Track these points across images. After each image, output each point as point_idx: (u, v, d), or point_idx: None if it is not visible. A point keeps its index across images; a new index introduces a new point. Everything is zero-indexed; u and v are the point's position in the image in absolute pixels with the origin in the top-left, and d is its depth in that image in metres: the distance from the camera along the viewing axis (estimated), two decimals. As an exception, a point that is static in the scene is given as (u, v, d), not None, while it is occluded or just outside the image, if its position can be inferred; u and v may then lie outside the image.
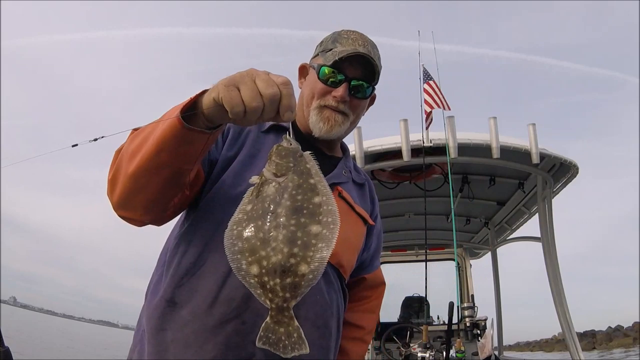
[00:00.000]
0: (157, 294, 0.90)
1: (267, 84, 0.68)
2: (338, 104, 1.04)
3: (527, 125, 4.16)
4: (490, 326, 4.42)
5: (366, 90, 1.06)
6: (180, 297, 0.87)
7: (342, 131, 1.08)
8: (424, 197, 3.92)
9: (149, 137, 0.77)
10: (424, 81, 4.36)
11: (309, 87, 1.08)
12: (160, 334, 0.86)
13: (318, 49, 1.10)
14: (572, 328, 4.49)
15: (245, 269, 0.61)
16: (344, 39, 1.05)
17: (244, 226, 0.62)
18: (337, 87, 1.03)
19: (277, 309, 0.61)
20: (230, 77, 0.70)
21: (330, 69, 1.02)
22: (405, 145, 4.10)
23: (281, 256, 0.59)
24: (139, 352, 0.91)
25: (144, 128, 0.81)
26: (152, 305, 0.90)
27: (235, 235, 0.62)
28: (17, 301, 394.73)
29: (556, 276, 4.61)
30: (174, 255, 0.93)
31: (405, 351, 4.03)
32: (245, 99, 0.67)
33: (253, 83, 0.68)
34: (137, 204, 0.85)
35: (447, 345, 3.21)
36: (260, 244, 0.60)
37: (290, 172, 0.65)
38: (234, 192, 0.93)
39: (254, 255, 0.60)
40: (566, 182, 4.57)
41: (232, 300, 0.85)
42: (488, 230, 5.90)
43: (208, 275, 0.87)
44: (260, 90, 0.67)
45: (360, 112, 1.11)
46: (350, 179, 1.12)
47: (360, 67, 1.03)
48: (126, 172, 0.80)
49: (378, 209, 1.25)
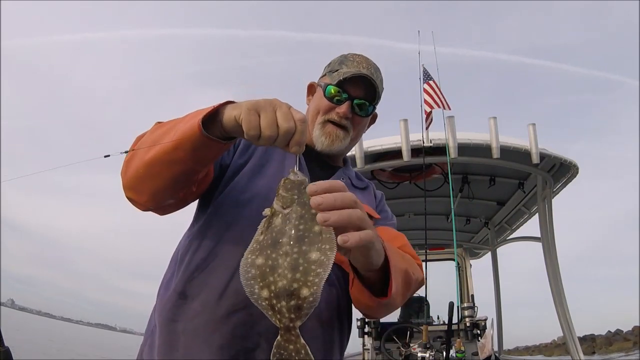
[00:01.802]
0: (170, 289, 0.97)
1: (286, 118, 0.73)
2: (341, 120, 1.12)
3: (527, 126, 4.18)
4: (490, 326, 4.42)
5: (368, 108, 1.14)
6: (192, 291, 0.93)
7: (343, 146, 1.15)
8: (424, 197, 3.93)
9: (170, 132, 0.83)
10: (424, 81, 4.38)
11: (315, 103, 1.17)
12: (171, 325, 0.92)
13: (326, 69, 1.20)
14: (573, 328, 4.49)
15: (258, 292, 0.69)
16: (350, 61, 1.15)
17: (256, 255, 0.70)
18: (341, 104, 1.12)
19: (285, 328, 0.68)
20: (254, 102, 0.76)
21: (335, 88, 1.11)
22: (405, 145, 4.11)
23: (286, 281, 0.67)
24: (149, 345, 0.96)
25: (168, 122, 0.88)
26: (165, 299, 0.96)
27: (249, 263, 0.70)
28: (15, 303, 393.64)
29: (556, 276, 4.62)
30: (186, 254, 1.00)
31: (405, 351, 4.02)
32: (263, 125, 0.72)
33: (274, 113, 0.73)
34: (145, 189, 0.90)
35: (447, 345, 3.20)
36: (269, 270, 0.68)
37: (295, 203, 0.72)
38: (242, 197, 1.01)
39: (264, 281, 0.68)
40: (566, 182, 4.59)
41: (240, 292, 0.88)
42: (488, 230, 5.90)
43: (217, 270, 0.94)
44: (279, 121, 0.73)
45: (361, 130, 1.20)
46: (350, 184, 1.19)
47: (362, 88, 1.12)
48: (142, 158, 0.86)
49: (385, 204, 1.28)
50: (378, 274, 0.83)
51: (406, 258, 1.00)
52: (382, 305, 0.88)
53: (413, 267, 0.99)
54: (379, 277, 0.84)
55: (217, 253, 0.96)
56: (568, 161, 4.32)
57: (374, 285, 0.86)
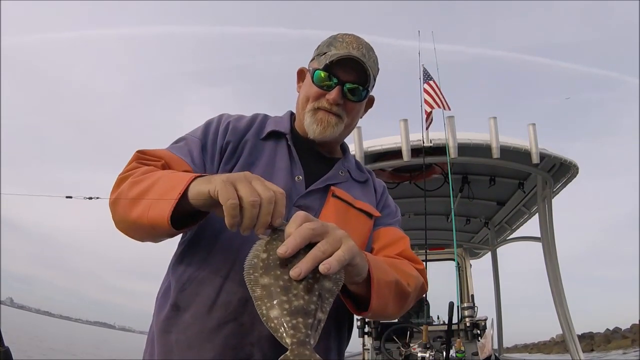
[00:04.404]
0: (164, 298, 0.97)
1: (264, 188, 0.70)
2: (331, 107, 1.05)
3: (527, 126, 4.18)
4: (490, 326, 4.42)
5: (360, 93, 1.06)
6: (183, 302, 0.93)
7: (337, 133, 1.08)
8: (424, 197, 3.93)
9: (144, 201, 0.82)
10: (424, 81, 4.37)
11: (304, 90, 1.10)
12: (166, 336, 0.92)
13: (315, 52, 1.12)
14: (572, 328, 4.50)
15: (266, 314, 0.66)
16: (339, 42, 1.06)
17: (260, 273, 0.68)
18: (331, 90, 1.04)
19: (299, 342, 0.65)
20: (228, 175, 0.73)
21: (324, 73, 1.04)
22: (405, 145, 4.11)
23: (303, 302, 0.66)
24: (149, 353, 0.96)
25: (146, 179, 0.86)
26: (160, 310, 0.96)
27: (252, 280, 0.68)
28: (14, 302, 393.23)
29: (556, 276, 4.62)
30: (178, 263, 0.99)
31: (405, 351, 4.02)
32: (243, 194, 0.68)
33: (250, 184, 0.70)
34: (134, 236, 0.92)
35: (447, 345, 3.20)
36: (280, 290, 0.66)
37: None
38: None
39: (272, 301, 0.66)
40: (566, 182, 4.59)
41: (229, 303, 0.90)
42: (488, 230, 5.91)
43: (207, 281, 0.92)
44: (258, 191, 0.69)
45: (356, 115, 1.12)
46: (348, 178, 1.13)
47: (353, 71, 1.04)
48: (125, 215, 0.86)
49: (387, 196, 1.21)
50: (363, 286, 0.82)
51: (399, 267, 0.97)
52: (368, 316, 0.88)
53: (406, 275, 0.96)
54: (364, 290, 0.83)
55: (206, 264, 0.94)
56: (568, 161, 4.32)
57: (359, 296, 0.85)
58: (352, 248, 0.71)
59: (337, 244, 0.70)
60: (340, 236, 0.71)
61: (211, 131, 1.07)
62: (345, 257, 0.69)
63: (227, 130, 1.07)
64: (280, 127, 1.11)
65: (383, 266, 0.89)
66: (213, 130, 1.07)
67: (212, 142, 1.05)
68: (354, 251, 0.72)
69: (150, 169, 0.91)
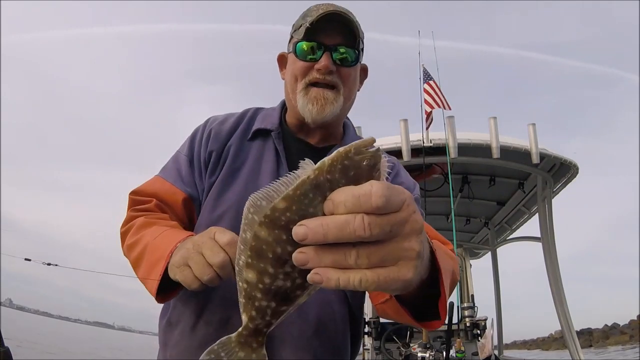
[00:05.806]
0: (165, 311, 0.99)
1: (213, 252, 0.68)
2: (324, 76, 0.94)
3: (527, 126, 4.17)
4: (490, 326, 4.43)
5: (352, 54, 0.95)
6: (174, 318, 0.95)
7: (337, 109, 0.96)
8: (424, 197, 3.93)
9: (140, 268, 0.86)
10: (424, 81, 4.37)
11: (290, 70, 1.00)
12: (165, 349, 0.95)
13: (291, 30, 1.02)
14: (572, 327, 4.51)
15: (244, 271, 0.49)
16: (314, 10, 0.95)
17: (261, 222, 0.46)
18: (319, 58, 0.93)
19: (254, 329, 0.53)
20: (179, 256, 0.73)
21: (307, 43, 0.93)
22: (405, 145, 4.10)
23: (289, 285, 0.48)
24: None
25: (135, 241, 0.90)
26: (161, 320, 0.99)
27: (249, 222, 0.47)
28: (12, 303, 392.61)
29: (556, 276, 4.63)
30: None
31: (405, 351, 4.02)
32: (198, 274, 0.69)
33: (200, 255, 0.69)
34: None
35: (447, 345, 3.20)
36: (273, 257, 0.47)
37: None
38: (213, 215, 0.94)
39: (259, 261, 0.47)
40: (566, 182, 4.59)
41: (210, 323, 0.90)
42: (488, 230, 5.91)
43: (192, 299, 0.92)
44: (209, 260, 0.68)
45: (352, 84, 1.00)
46: None
47: (338, 32, 0.94)
48: (129, 255, 0.92)
49: (399, 175, 1.05)
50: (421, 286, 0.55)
51: (449, 254, 0.78)
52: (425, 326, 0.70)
53: (455, 262, 0.79)
54: (421, 291, 0.56)
55: None
56: (568, 161, 4.32)
57: (416, 300, 0.66)
58: (420, 247, 0.43)
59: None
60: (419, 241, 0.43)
61: (196, 143, 1.04)
62: (392, 286, 0.42)
63: (210, 138, 1.03)
64: (267, 124, 1.04)
65: (444, 257, 0.64)
66: (197, 142, 1.04)
67: (197, 156, 1.03)
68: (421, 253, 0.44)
69: (143, 223, 0.92)
